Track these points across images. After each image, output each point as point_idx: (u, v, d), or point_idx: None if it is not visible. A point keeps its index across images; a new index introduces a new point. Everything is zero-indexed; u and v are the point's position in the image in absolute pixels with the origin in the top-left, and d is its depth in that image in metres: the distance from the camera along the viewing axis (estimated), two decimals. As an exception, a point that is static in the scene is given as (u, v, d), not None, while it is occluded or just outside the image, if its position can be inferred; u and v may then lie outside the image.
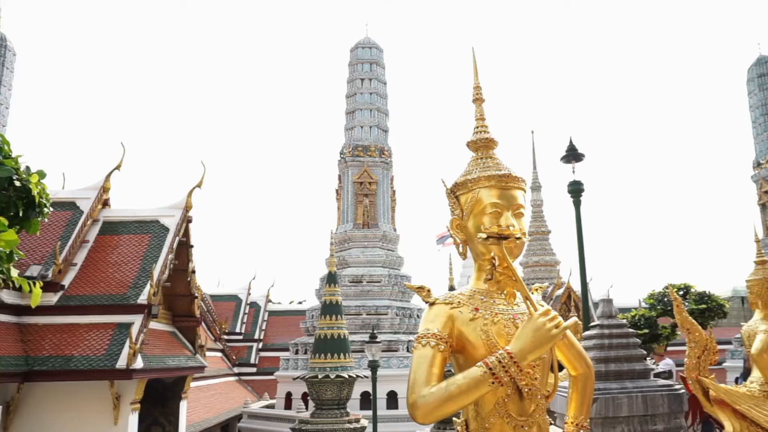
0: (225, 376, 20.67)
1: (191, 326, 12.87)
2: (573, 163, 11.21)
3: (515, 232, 2.02)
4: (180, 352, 11.89)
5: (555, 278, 28.96)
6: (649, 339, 12.07)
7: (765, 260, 4.55)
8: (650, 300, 12.97)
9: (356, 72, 24.26)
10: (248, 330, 24.42)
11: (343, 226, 22.53)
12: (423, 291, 2.10)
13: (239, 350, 23.25)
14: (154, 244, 11.05)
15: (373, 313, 19.95)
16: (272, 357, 22.98)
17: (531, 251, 31.55)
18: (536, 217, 32.17)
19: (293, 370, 18.67)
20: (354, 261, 21.58)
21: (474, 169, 2.19)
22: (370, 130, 23.56)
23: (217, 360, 20.81)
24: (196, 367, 12.37)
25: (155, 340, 10.84)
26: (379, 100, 23.99)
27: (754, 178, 21.63)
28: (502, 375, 1.77)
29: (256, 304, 25.39)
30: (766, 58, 22.44)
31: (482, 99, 2.33)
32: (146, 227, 11.33)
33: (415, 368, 1.89)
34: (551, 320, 1.83)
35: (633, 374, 4.03)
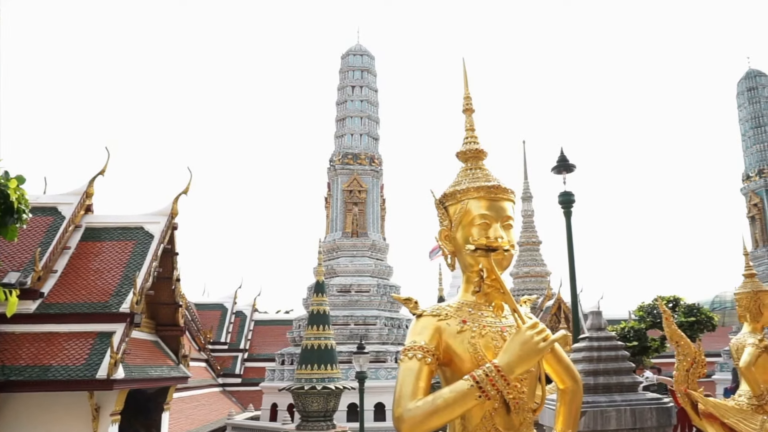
0: (209, 387, 20.44)
1: (175, 336, 12.73)
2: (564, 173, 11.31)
3: (503, 244, 2.03)
4: (163, 362, 11.74)
5: (545, 289, 29.08)
6: (638, 351, 12.15)
7: (753, 273, 4.62)
8: (640, 312, 13.09)
9: (347, 79, 24.34)
10: (233, 340, 24.20)
11: (331, 235, 22.49)
12: (410, 303, 2.09)
13: (224, 360, 23.02)
14: (137, 251, 10.94)
15: (361, 324, 19.88)
16: (258, 367, 22.78)
17: (521, 262, 31.68)
18: (527, 227, 32.33)
19: (279, 381, 18.52)
20: (342, 270, 21.51)
21: (463, 180, 2.20)
22: (360, 137, 23.60)
23: (201, 370, 20.58)
24: (179, 377, 12.22)
25: (137, 350, 10.69)
26: (370, 107, 24.07)
27: (744, 190, 21.97)
28: (488, 389, 1.77)
29: (242, 314, 25.20)
30: (756, 71, 22.89)
31: (472, 109, 2.34)
32: (130, 234, 11.22)
33: (401, 381, 1.88)
34: (539, 333, 1.83)
35: (622, 387, 4.05)
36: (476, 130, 2.32)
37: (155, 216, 11.67)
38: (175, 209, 11.92)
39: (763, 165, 21.31)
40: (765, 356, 4.24)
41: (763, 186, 21.10)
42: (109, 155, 12.09)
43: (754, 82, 22.51)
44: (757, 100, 22.16)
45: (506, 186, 2.17)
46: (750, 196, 21.49)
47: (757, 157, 21.67)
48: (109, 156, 12.07)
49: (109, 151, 12.08)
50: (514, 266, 31.89)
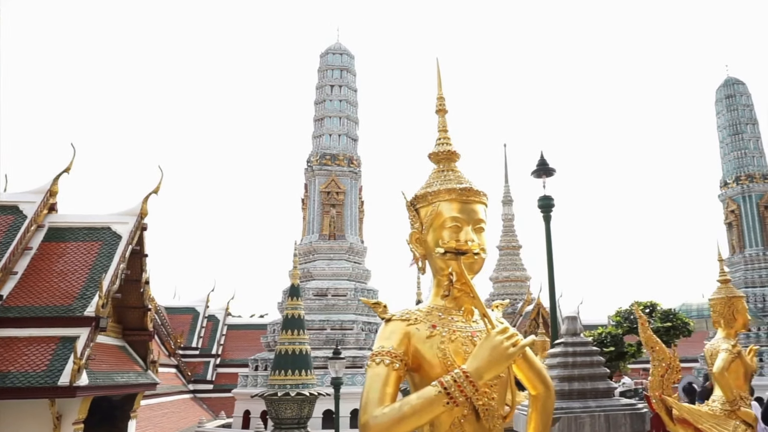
0: (179, 393, 20.10)
1: (143, 340, 12.49)
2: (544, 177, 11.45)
3: (473, 247, 2.02)
4: (130, 368, 11.51)
5: (525, 294, 29.38)
6: (615, 357, 12.33)
7: (728, 279, 4.72)
8: (617, 317, 13.29)
9: (326, 78, 24.27)
10: (205, 344, 23.87)
11: (308, 237, 22.37)
12: (379, 307, 2.08)
13: (195, 366, 22.68)
14: (104, 252, 10.71)
15: (337, 328, 19.79)
16: (230, 373, 22.50)
17: (501, 266, 31.98)
18: (507, 231, 32.67)
19: (252, 387, 18.31)
20: (319, 273, 21.41)
21: (435, 182, 2.20)
22: (338, 138, 23.54)
23: (171, 376, 20.24)
24: (147, 384, 11.99)
25: (103, 355, 10.46)
26: (349, 107, 24.04)
27: (721, 197, 22.56)
28: (457, 395, 1.76)
29: (215, 318, 24.88)
30: (734, 79, 23.54)
31: (445, 110, 2.34)
32: (96, 234, 10.98)
33: (367, 388, 1.86)
34: (509, 338, 1.83)
35: (596, 393, 4.10)
36: (449, 131, 2.32)
37: (123, 216, 11.44)
38: (145, 209, 11.70)
39: (740, 172, 21.92)
40: (738, 362, 4.34)
41: (740, 193, 21.69)
42: (75, 152, 11.83)
43: (733, 89, 23.14)
44: (735, 107, 22.78)
45: (478, 188, 2.17)
46: (727, 203, 22.08)
47: (735, 164, 22.28)
48: (74, 153, 11.81)
49: (74, 148, 11.81)
50: (493, 270, 32.18)
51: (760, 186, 21.44)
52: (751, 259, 20.92)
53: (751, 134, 22.56)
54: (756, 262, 20.82)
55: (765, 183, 21.47)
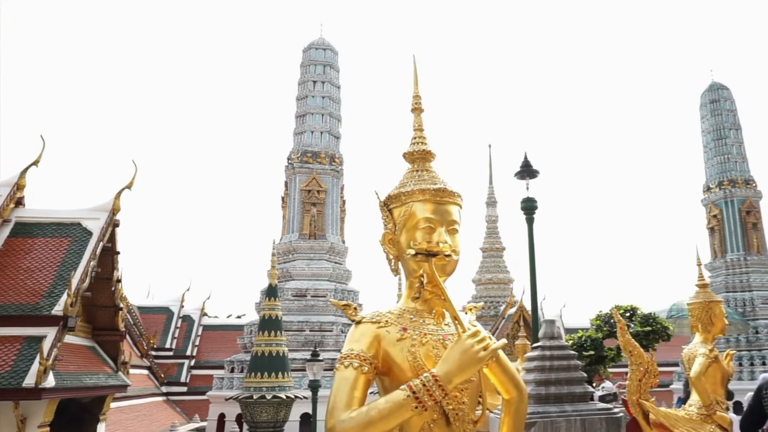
0: (151, 396, 19.84)
1: (114, 341, 12.32)
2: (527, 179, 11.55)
3: (445, 249, 2.03)
4: (99, 370, 11.34)
5: (508, 296, 29.62)
6: (594, 361, 12.50)
7: (706, 284, 4.82)
8: (597, 321, 13.47)
9: (308, 74, 24.18)
10: (180, 345, 23.59)
11: (287, 236, 22.25)
12: (349, 309, 2.08)
13: (169, 367, 22.41)
14: (74, 249, 10.52)
15: (317, 330, 19.73)
16: (206, 375, 22.26)
17: (484, 268, 32.18)
18: (490, 233, 32.89)
19: (228, 390, 18.16)
20: (298, 273, 21.31)
21: (409, 182, 2.20)
22: (320, 135, 23.47)
23: (143, 378, 19.97)
24: (118, 386, 11.82)
25: (71, 356, 10.29)
26: (332, 104, 23.98)
27: (704, 201, 23.02)
28: (426, 399, 1.77)
29: (190, 318, 24.61)
30: (718, 84, 24.01)
31: (421, 109, 2.34)
32: (66, 230, 10.78)
33: (335, 392, 1.86)
34: (480, 342, 1.84)
35: (573, 397, 4.15)
36: (425, 131, 2.32)
37: (95, 212, 11.25)
38: (117, 205, 11.52)
39: (723, 177, 22.38)
40: (715, 366, 4.44)
41: (723, 198, 22.15)
42: (44, 145, 11.60)
43: (717, 94, 23.61)
44: (719, 112, 23.25)
45: (453, 189, 2.18)
46: (710, 208, 22.53)
47: (718, 168, 22.74)
48: (44, 146, 11.57)
49: (44, 140, 11.58)
50: (476, 272, 32.38)
51: (742, 191, 21.91)
52: (732, 264, 21.36)
53: (735, 139, 23.04)
54: (737, 267, 21.26)
55: (747, 188, 21.96)
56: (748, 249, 21.22)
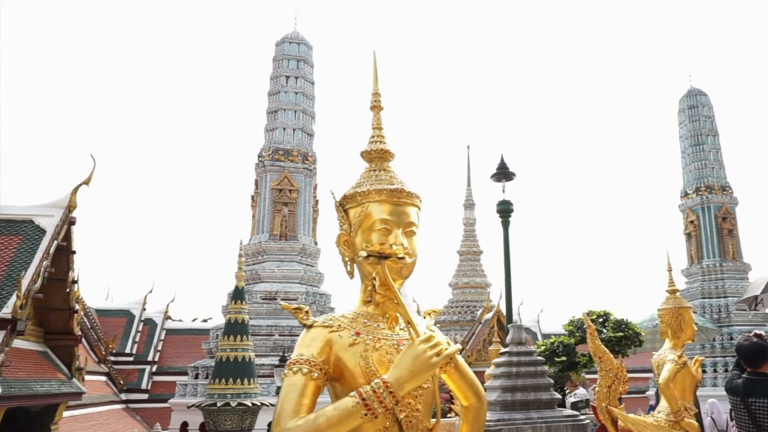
0: (109, 403, 19.41)
1: (68, 345, 12.05)
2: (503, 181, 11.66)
3: (398, 251, 2.01)
4: (51, 376, 11.06)
5: (485, 301, 29.84)
6: (567, 367, 12.68)
7: (676, 289, 4.92)
8: (569, 326, 13.68)
9: (281, 68, 24.02)
10: (141, 350, 23.13)
11: (257, 237, 22.04)
12: (300, 312, 2.06)
13: (128, 373, 21.94)
14: (25, 247, 10.24)
15: (286, 334, 19.59)
16: (168, 381, 21.88)
17: (461, 272, 32.38)
18: (468, 236, 33.11)
19: (191, 397, 17.90)
20: (268, 276, 21.12)
21: (365, 182, 2.19)
22: (293, 132, 23.33)
23: (101, 385, 19.53)
24: (71, 393, 11.56)
25: (20, 362, 10.01)
26: (305, 101, 23.86)
27: (681, 207, 23.61)
28: (376, 406, 1.76)
29: (152, 321, 24.16)
30: (696, 90, 24.66)
31: (380, 107, 2.34)
32: (16, 228, 10.48)
33: (282, 399, 1.84)
34: (433, 347, 1.84)
35: (539, 404, 4.18)
36: (384, 129, 2.31)
37: (49, 208, 10.97)
38: (74, 201, 11.26)
39: (700, 183, 23.00)
40: (683, 373, 4.53)
41: (700, 204, 22.75)
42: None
43: (695, 100, 24.25)
44: (697, 118, 23.87)
45: (411, 190, 2.17)
46: (687, 213, 23.12)
47: (695, 174, 23.35)
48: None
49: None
50: (453, 276, 32.60)
51: (719, 197, 22.54)
52: (708, 270, 21.92)
53: (712, 146, 23.69)
54: (713, 273, 21.83)
55: (723, 194, 22.60)
56: (723, 255, 21.80)
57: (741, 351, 3.74)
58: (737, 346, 3.83)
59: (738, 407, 3.56)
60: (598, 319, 13.29)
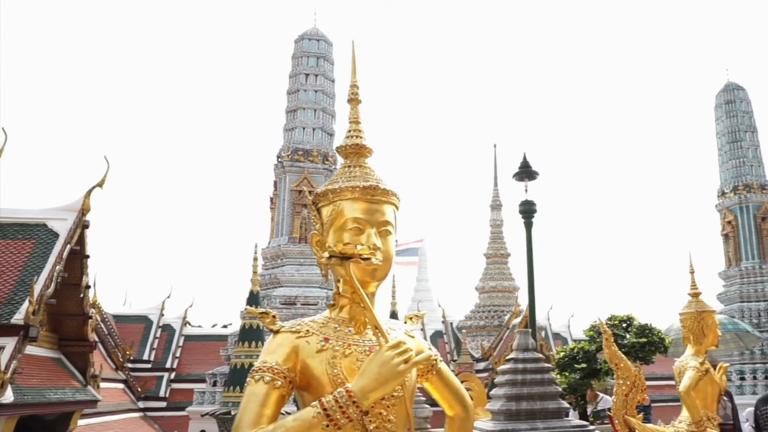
0: (127, 411, 19.78)
1: (83, 352, 12.26)
2: (526, 181, 11.54)
3: (363, 251, 1.98)
4: (66, 383, 11.29)
5: (513, 305, 29.53)
6: (587, 374, 12.45)
7: (698, 293, 4.80)
8: (590, 332, 13.42)
9: (300, 66, 24.21)
10: (159, 357, 23.51)
11: (276, 240, 22.24)
12: (267, 317, 2.05)
13: (146, 381, 22.33)
14: (37, 252, 10.48)
15: (306, 341, 19.68)
16: (187, 389, 22.18)
17: (488, 275, 32.06)
18: (495, 238, 32.77)
19: (209, 405, 18.12)
20: (287, 280, 21.29)
21: (339, 179, 2.17)
22: (313, 132, 23.49)
23: (118, 392, 19.91)
24: (86, 401, 11.77)
25: (33, 369, 10.25)
26: (325, 99, 24.00)
27: (719, 207, 23.04)
28: (338, 417, 1.74)
29: (170, 327, 24.53)
30: (734, 84, 24.02)
31: (358, 100, 2.31)
32: (29, 231, 10.74)
33: (242, 408, 1.84)
34: (400, 354, 1.82)
35: (546, 414, 4.11)
36: (362, 124, 2.29)
37: (62, 211, 11.21)
38: (87, 204, 11.47)
39: (738, 181, 22.42)
40: (706, 380, 4.41)
41: (737, 203, 22.17)
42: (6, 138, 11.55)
43: (733, 95, 23.64)
44: (734, 114, 23.29)
45: (386, 187, 2.14)
46: (724, 213, 22.56)
47: (733, 173, 22.77)
48: (6, 139, 11.52)
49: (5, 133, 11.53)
50: (480, 280, 32.34)
51: (758, 196, 21.96)
52: (747, 272, 21.39)
53: (750, 142, 23.09)
54: (752, 275, 21.29)
55: (763, 193, 22.01)
56: (763, 257, 21.28)
57: None
58: None
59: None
60: (620, 324, 13.02)
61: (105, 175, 11.81)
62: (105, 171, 11.84)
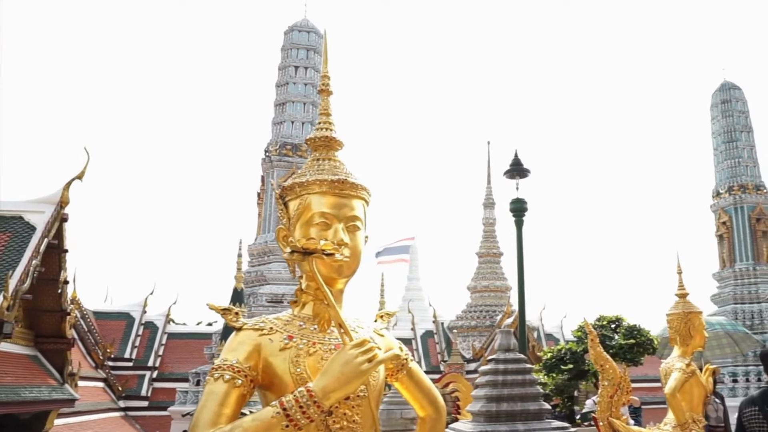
0: (106, 411, 19.65)
1: (60, 349, 12.17)
2: (517, 179, 11.56)
3: (325, 246, 1.95)
4: (42, 382, 11.19)
5: (505, 305, 29.63)
6: (575, 375, 12.51)
7: (686, 293, 4.82)
8: (578, 333, 13.49)
9: (289, 58, 24.13)
10: (141, 355, 23.37)
11: (263, 236, 22.16)
12: (229, 314, 2.02)
13: (128, 379, 22.19)
14: (13, 245, 10.38)
15: (293, 339, 19.65)
16: (169, 388, 22.08)
17: (480, 275, 32.12)
18: (488, 237, 32.82)
19: (192, 404, 18.06)
20: (274, 277, 21.22)
21: (307, 172, 2.14)
22: (302, 126, 23.42)
23: (98, 391, 19.78)
24: (63, 400, 11.68)
25: (7, 366, 10.16)
26: (315, 92, 23.93)
27: (713, 207, 23.21)
28: (298, 417, 1.71)
29: (153, 325, 24.39)
30: (730, 84, 24.18)
31: (329, 91, 2.29)
32: (4, 224, 10.63)
33: (200, 407, 1.81)
34: (364, 353, 1.79)
35: (527, 415, 4.11)
36: (332, 115, 2.27)
37: (39, 204, 11.11)
38: (66, 197, 11.38)
39: (733, 182, 22.60)
40: (692, 382, 4.43)
41: (732, 204, 22.34)
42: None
43: (729, 94, 23.82)
44: (730, 113, 23.47)
45: (356, 181, 2.12)
46: (719, 214, 22.73)
47: (728, 173, 22.95)
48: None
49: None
50: (472, 279, 32.38)
51: (753, 197, 22.15)
52: (741, 274, 21.59)
53: (746, 142, 23.28)
54: (746, 276, 21.50)
55: (758, 194, 22.20)
56: (757, 258, 21.46)
57: (765, 358, 3.70)
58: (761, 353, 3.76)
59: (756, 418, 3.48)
60: (609, 325, 13.10)
61: (85, 167, 11.72)
62: (85, 163, 11.75)
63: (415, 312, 30.86)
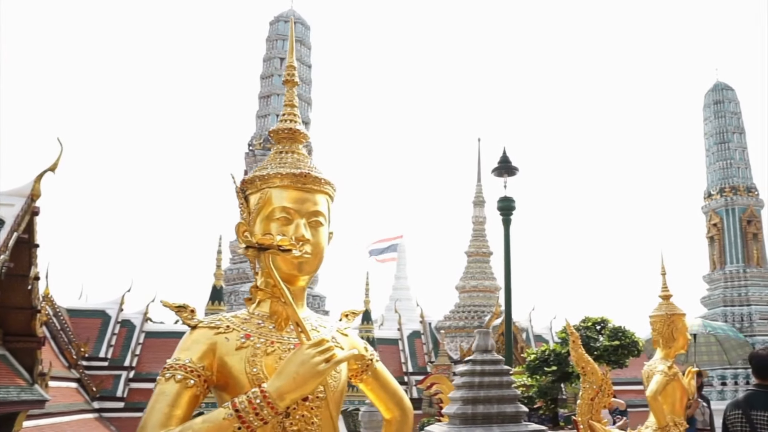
0: (80, 412, 19.46)
1: (30, 348, 12.05)
2: (505, 176, 11.60)
3: (282, 242, 1.93)
4: (10, 382, 11.07)
5: (494, 305, 29.75)
6: (559, 377, 12.60)
7: (669, 295, 4.86)
8: (562, 334, 13.57)
9: (275, 50, 24.05)
10: (117, 354, 23.15)
11: (245, 233, 22.08)
12: (184, 312, 1.99)
13: (103, 380, 22.00)
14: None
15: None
16: (146, 389, 21.92)
17: (469, 274, 32.21)
18: (477, 235, 32.90)
19: (169, 407, 17.96)
20: (256, 275, 21.18)
21: (269, 165, 2.13)
22: (287, 119, 23.39)
23: (71, 392, 19.59)
24: (33, 401, 11.56)
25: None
26: (301, 85, 23.91)
27: (704, 209, 23.43)
28: (251, 419, 1.69)
29: (130, 323, 24.17)
30: (723, 84, 24.44)
31: (294, 82, 2.27)
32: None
33: (149, 408, 1.79)
34: (322, 353, 1.78)
35: (503, 418, 4.12)
36: (297, 107, 2.25)
37: (8, 197, 10.97)
38: (37, 190, 11.26)
39: (724, 183, 22.82)
40: (674, 385, 4.48)
41: (724, 205, 22.56)
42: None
43: (721, 95, 24.07)
44: (723, 114, 23.71)
45: (320, 175, 2.10)
46: (710, 216, 22.95)
47: (720, 174, 23.18)
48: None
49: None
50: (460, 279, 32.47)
51: (744, 199, 22.39)
52: (731, 276, 21.82)
53: (738, 144, 23.54)
54: (736, 279, 21.74)
55: (749, 196, 22.43)
56: (747, 261, 21.70)
57: (753, 360, 3.75)
58: (750, 355, 3.81)
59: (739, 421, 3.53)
60: (594, 327, 13.20)
61: (58, 158, 11.60)
62: (58, 154, 11.62)
63: (402, 312, 30.89)
